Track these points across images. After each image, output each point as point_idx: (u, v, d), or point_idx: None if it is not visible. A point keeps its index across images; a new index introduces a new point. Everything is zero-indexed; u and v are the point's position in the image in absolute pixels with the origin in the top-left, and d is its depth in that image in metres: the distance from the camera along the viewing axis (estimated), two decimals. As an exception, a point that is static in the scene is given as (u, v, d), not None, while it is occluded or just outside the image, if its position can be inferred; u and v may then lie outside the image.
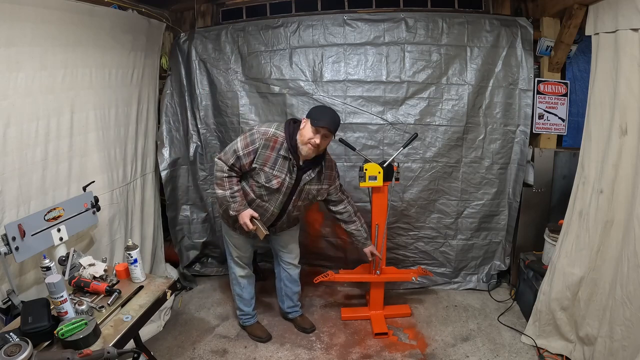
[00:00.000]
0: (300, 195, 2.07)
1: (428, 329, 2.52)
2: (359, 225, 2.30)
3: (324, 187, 2.12)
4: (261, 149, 1.91)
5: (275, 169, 1.94)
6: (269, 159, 1.93)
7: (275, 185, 1.96)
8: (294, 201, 2.07)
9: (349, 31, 2.67)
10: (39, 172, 1.84)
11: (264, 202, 2.04)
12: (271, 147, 1.92)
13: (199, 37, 2.81)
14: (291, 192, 2.03)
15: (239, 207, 1.99)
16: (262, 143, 1.91)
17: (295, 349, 2.37)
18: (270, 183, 1.96)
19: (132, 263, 1.78)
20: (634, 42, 1.69)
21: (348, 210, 2.26)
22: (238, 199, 1.99)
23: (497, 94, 2.66)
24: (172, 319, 2.64)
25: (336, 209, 2.26)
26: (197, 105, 2.87)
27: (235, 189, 1.98)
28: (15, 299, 1.63)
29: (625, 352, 1.70)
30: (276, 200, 2.04)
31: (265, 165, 1.93)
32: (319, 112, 1.93)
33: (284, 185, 1.98)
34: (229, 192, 1.98)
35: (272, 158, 1.93)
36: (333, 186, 2.17)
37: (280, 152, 1.93)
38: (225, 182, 1.98)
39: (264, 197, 2.03)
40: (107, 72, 2.26)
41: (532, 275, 2.50)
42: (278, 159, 1.93)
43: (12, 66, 1.66)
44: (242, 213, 2.00)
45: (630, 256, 1.69)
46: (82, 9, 1.99)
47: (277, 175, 1.95)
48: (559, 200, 2.68)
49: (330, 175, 2.13)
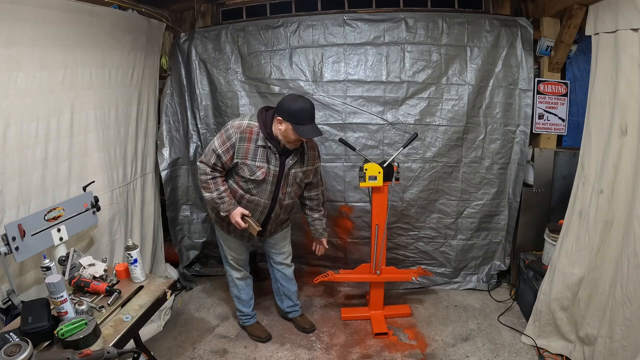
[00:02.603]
0: (288, 181, 2.05)
1: (428, 329, 2.52)
2: (321, 215, 2.32)
3: (309, 169, 2.12)
4: (238, 142, 1.92)
5: (257, 160, 1.95)
6: (248, 151, 1.94)
7: (260, 176, 1.96)
8: (282, 188, 2.06)
9: (349, 31, 2.67)
10: (39, 172, 1.84)
11: (253, 195, 2.03)
12: (247, 138, 1.93)
13: (199, 37, 2.81)
14: (278, 180, 2.03)
15: (229, 206, 1.99)
16: (238, 137, 1.92)
17: (295, 349, 2.37)
18: (256, 175, 1.96)
19: (132, 263, 1.78)
20: (634, 42, 1.69)
21: (319, 198, 2.28)
22: (226, 199, 1.99)
23: (497, 94, 2.66)
24: (172, 319, 2.64)
25: (309, 194, 2.25)
26: (197, 105, 2.87)
27: (221, 189, 1.99)
28: (15, 299, 1.63)
29: (625, 352, 1.71)
30: (264, 191, 2.03)
31: (246, 159, 1.94)
32: (298, 114, 1.84)
33: (270, 174, 1.98)
34: (215, 193, 1.98)
35: (251, 149, 1.94)
36: (317, 163, 2.18)
37: (258, 143, 1.94)
38: (211, 184, 1.99)
39: (252, 191, 2.02)
40: (107, 72, 2.26)
41: (532, 275, 2.50)
42: (257, 149, 1.94)
43: (12, 66, 1.66)
44: (233, 212, 1.99)
45: (630, 256, 1.70)
46: (82, 9, 1.99)
47: (260, 165, 1.95)
48: (559, 200, 2.68)
49: (314, 156, 2.14)
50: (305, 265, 3.13)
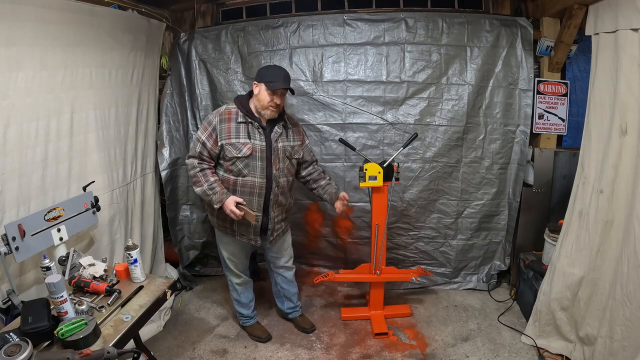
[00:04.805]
0: (278, 155, 2.06)
1: (428, 329, 2.52)
2: (328, 180, 2.32)
3: (297, 144, 2.16)
4: (219, 124, 2.00)
5: (240, 137, 1.99)
6: (230, 130, 2.00)
7: (247, 151, 1.98)
8: (274, 164, 2.05)
9: (349, 31, 2.67)
10: (39, 172, 1.84)
11: (246, 177, 2.02)
12: (227, 119, 2.01)
13: (199, 37, 2.81)
14: (267, 156, 2.03)
15: (221, 196, 1.98)
16: (218, 119, 2.01)
17: (295, 349, 2.37)
18: (242, 152, 1.98)
19: (132, 263, 1.78)
20: (634, 42, 1.69)
21: (317, 169, 2.31)
22: (217, 189, 1.99)
23: (497, 94, 2.66)
24: (172, 319, 2.65)
25: (307, 171, 2.29)
26: (197, 105, 2.87)
27: (211, 180, 2.00)
28: (15, 299, 1.63)
29: (625, 352, 1.71)
30: (256, 168, 2.02)
31: (229, 138, 1.99)
32: (270, 74, 1.99)
33: (256, 149, 2.00)
34: (206, 185, 2.00)
35: (232, 128, 2.00)
36: (304, 144, 2.23)
37: (239, 120, 2.01)
38: (200, 177, 2.01)
39: (243, 172, 2.02)
40: (107, 72, 2.26)
41: (532, 275, 2.50)
42: (239, 126, 2.01)
43: (12, 66, 1.66)
44: (226, 202, 1.97)
45: (630, 256, 1.70)
46: (82, 9, 1.99)
47: (245, 142, 1.99)
48: (559, 200, 2.68)
49: (298, 132, 2.19)
50: (305, 265, 3.13)
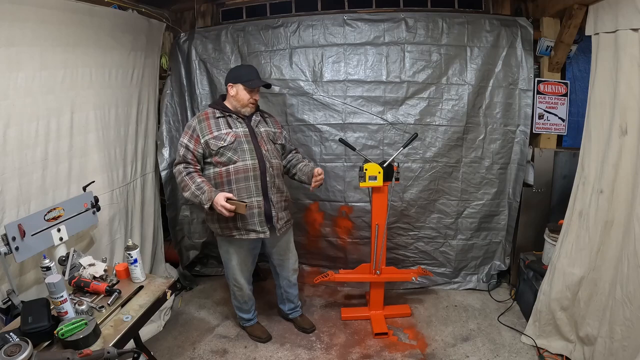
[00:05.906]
0: (263, 138, 2.14)
1: (428, 329, 2.52)
2: (307, 162, 2.36)
3: (276, 131, 2.25)
4: (198, 125, 2.08)
5: (222, 129, 2.07)
6: (210, 126, 2.07)
7: (231, 139, 2.04)
8: (262, 145, 2.10)
9: (349, 31, 2.67)
10: (39, 172, 1.84)
11: (238, 162, 2.04)
12: (205, 118, 2.10)
13: (199, 37, 2.81)
14: (253, 140, 2.09)
15: (209, 194, 1.97)
16: (197, 121, 2.10)
17: (295, 349, 2.37)
18: (226, 140, 2.04)
19: (132, 263, 1.78)
20: (634, 42, 1.69)
21: (296, 156, 2.37)
22: (205, 188, 1.99)
23: (497, 94, 2.66)
24: (172, 319, 2.65)
25: (287, 157, 2.35)
26: (197, 105, 2.87)
27: (198, 180, 2.03)
28: (15, 299, 1.63)
29: (625, 352, 1.70)
30: (245, 152, 2.05)
31: (211, 132, 2.05)
32: (245, 74, 2.09)
33: (240, 134, 2.07)
34: (194, 186, 2.01)
35: (212, 124, 2.08)
36: (283, 131, 2.33)
37: (217, 115, 2.10)
38: (188, 180, 2.03)
39: (233, 158, 2.04)
40: (107, 72, 2.26)
41: (532, 275, 2.50)
42: (218, 120, 2.09)
43: (12, 66, 1.66)
44: (215, 199, 1.94)
45: (630, 256, 1.69)
46: (82, 9, 1.99)
47: (227, 131, 2.06)
48: (559, 200, 2.67)
49: (275, 121, 2.30)
50: (305, 265, 3.13)
